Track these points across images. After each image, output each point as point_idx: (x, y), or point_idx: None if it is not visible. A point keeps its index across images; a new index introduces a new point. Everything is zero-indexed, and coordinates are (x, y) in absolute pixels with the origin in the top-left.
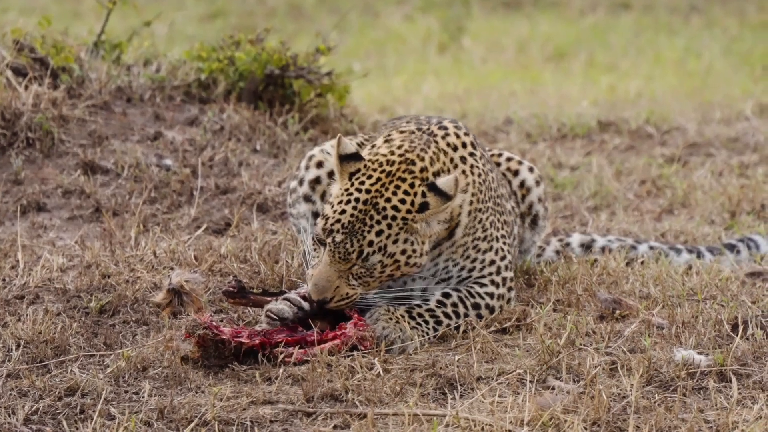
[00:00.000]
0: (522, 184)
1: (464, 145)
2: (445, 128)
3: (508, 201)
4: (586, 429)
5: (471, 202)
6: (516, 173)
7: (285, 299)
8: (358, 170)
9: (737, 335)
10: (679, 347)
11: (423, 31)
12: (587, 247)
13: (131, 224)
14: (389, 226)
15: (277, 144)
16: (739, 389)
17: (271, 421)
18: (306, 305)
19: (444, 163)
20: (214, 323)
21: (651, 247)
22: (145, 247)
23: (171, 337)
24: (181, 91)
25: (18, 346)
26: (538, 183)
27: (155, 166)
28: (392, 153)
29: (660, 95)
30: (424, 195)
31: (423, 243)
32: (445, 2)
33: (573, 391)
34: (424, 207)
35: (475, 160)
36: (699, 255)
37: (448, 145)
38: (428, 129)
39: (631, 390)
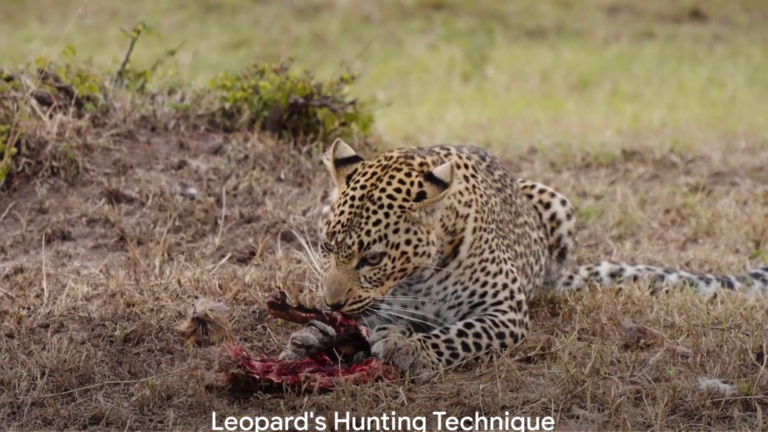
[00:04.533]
0: (552, 217)
1: (466, 167)
2: (448, 149)
3: (534, 230)
4: None
5: (475, 219)
6: (548, 206)
7: (310, 324)
8: (355, 170)
9: (762, 364)
10: (704, 376)
11: (446, 60)
12: (616, 276)
13: (155, 253)
14: (386, 215)
15: (302, 173)
16: (764, 418)
17: None
18: (331, 330)
19: None
20: (245, 356)
21: (680, 276)
22: (169, 276)
23: (196, 365)
24: (205, 120)
25: (43, 374)
26: (569, 216)
27: (179, 195)
28: (391, 151)
29: (684, 124)
30: (420, 185)
31: (428, 233)
32: (468, 31)
33: (598, 420)
34: (421, 196)
35: (477, 182)
36: (729, 284)
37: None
38: (434, 149)
39: (655, 419)
